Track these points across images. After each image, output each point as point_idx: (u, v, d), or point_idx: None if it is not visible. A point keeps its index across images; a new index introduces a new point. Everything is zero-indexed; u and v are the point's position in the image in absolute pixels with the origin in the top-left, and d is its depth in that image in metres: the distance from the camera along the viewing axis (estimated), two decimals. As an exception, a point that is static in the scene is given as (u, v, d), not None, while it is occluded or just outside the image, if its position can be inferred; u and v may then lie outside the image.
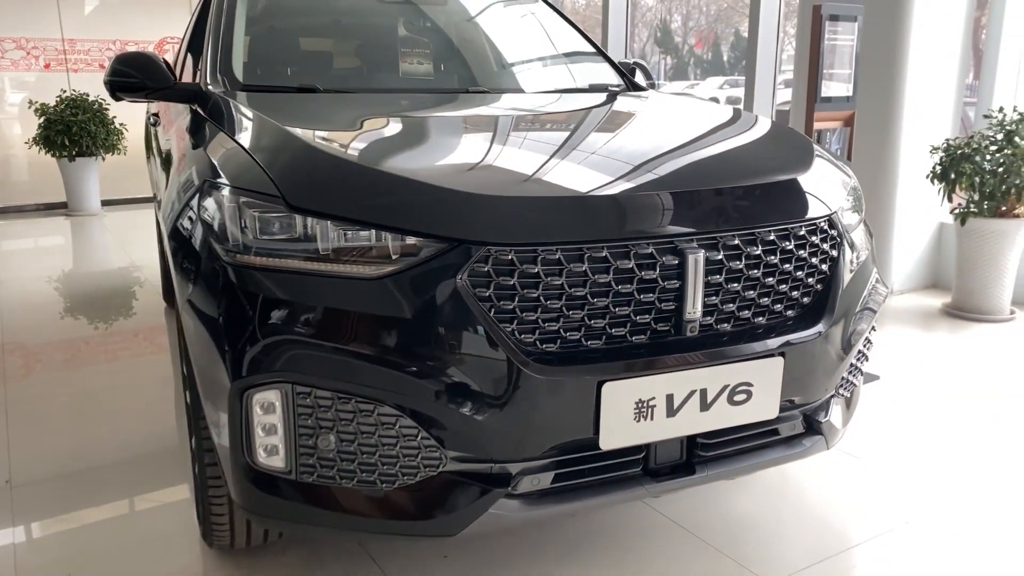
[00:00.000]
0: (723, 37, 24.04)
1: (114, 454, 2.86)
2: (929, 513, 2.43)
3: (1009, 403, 3.33)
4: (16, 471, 2.69)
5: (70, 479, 2.67)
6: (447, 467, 1.61)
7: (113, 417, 3.20)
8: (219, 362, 1.64)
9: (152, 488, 2.59)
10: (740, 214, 1.73)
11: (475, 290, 1.54)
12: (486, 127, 2.20)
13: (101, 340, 4.13)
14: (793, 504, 2.49)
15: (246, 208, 1.67)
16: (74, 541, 2.31)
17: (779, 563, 2.16)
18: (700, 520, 2.37)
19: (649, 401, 1.63)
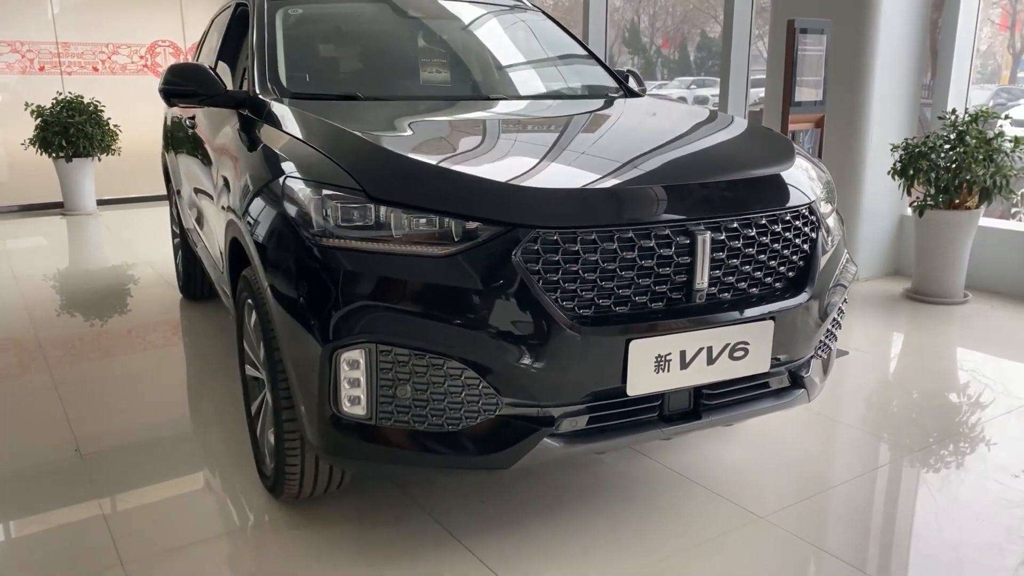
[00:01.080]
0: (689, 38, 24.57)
1: (167, 427, 3.16)
2: (895, 460, 2.83)
3: (962, 371, 3.76)
4: (82, 443, 2.98)
5: (132, 449, 2.97)
6: (502, 410, 1.96)
7: (158, 396, 3.50)
8: (311, 329, 1.97)
9: (211, 455, 2.90)
10: (738, 202, 2.10)
11: (526, 265, 1.88)
12: (520, 128, 2.54)
13: (128, 330, 4.40)
14: (776, 454, 2.87)
15: (328, 200, 2.01)
16: (151, 502, 2.62)
17: (770, 501, 2.54)
18: (697, 469, 2.74)
19: (667, 356, 1.99)
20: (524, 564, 2.21)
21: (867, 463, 2.81)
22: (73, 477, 2.73)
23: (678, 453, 2.85)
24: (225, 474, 2.74)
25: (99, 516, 2.48)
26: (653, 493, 2.59)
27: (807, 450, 2.93)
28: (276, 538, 2.36)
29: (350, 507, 2.52)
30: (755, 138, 2.54)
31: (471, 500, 2.54)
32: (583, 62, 3.58)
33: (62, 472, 2.77)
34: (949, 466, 2.79)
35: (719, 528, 2.39)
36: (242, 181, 2.53)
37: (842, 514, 2.50)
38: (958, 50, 5.18)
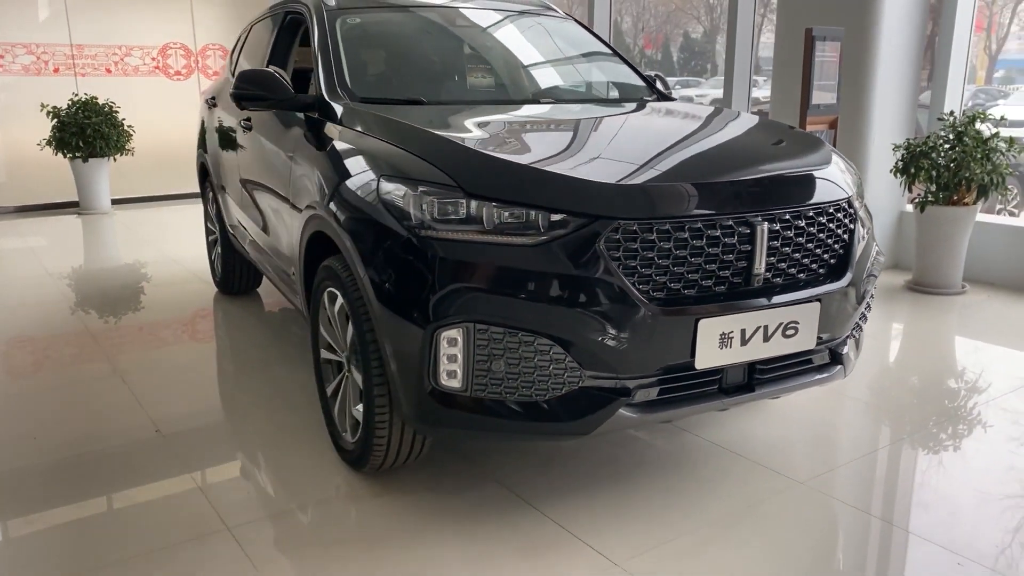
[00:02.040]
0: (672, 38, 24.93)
1: (234, 410, 3.37)
2: (912, 432, 3.10)
3: (962, 354, 4.05)
4: (159, 424, 3.19)
5: (207, 429, 3.18)
6: (584, 382, 2.19)
7: (218, 382, 3.71)
8: (412, 311, 2.20)
9: (284, 434, 3.11)
10: (790, 196, 2.36)
11: (608, 252, 2.12)
12: (583, 129, 2.78)
13: (172, 322, 4.60)
14: (804, 429, 3.14)
15: (425, 195, 2.24)
16: (239, 475, 2.83)
17: (806, 469, 2.80)
18: (736, 442, 2.99)
19: (729, 334, 2.24)
20: (595, 523, 2.45)
21: (891, 435, 3.08)
22: (160, 454, 2.94)
23: (717, 429, 3.10)
24: (301, 450, 2.96)
25: (194, 488, 2.70)
26: (701, 464, 2.84)
27: (829, 424, 3.19)
28: (363, 505, 2.58)
29: (424, 477, 2.74)
30: (795, 139, 2.80)
31: (533, 471, 2.77)
32: (616, 66, 3.82)
33: (148, 450, 2.97)
34: (962, 438, 3.07)
35: (766, 492, 2.65)
36: (322, 178, 2.75)
37: (873, 478, 2.76)
38: (954, 57, 5.49)
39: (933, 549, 2.32)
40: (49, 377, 3.76)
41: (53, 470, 2.83)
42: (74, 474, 2.80)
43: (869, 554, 2.37)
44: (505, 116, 3.01)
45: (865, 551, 2.38)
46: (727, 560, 2.28)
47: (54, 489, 2.70)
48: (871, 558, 2.35)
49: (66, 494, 2.67)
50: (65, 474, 2.80)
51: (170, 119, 9.02)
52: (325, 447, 2.94)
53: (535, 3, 4.07)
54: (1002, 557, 2.29)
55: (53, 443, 3.03)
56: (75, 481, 2.75)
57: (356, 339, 2.49)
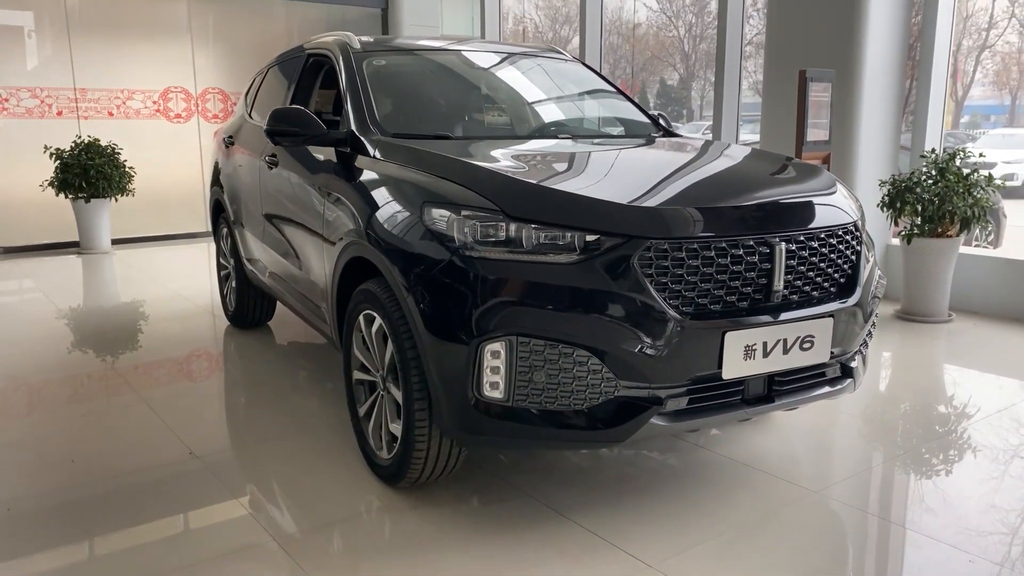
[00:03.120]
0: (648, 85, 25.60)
1: (265, 434, 3.47)
2: (916, 446, 3.27)
3: (949, 375, 4.25)
4: (194, 448, 3.29)
5: (241, 452, 3.28)
6: (619, 392, 2.35)
7: (245, 409, 3.81)
8: (457, 326, 2.35)
9: (316, 454, 3.22)
10: (805, 219, 2.56)
11: (641, 269, 2.30)
12: (608, 160, 2.98)
13: (190, 354, 4.70)
14: (810, 444, 3.30)
15: (467, 219, 2.41)
16: (280, 493, 2.94)
17: (817, 479, 2.96)
18: (749, 456, 3.14)
19: (752, 346, 2.41)
20: (625, 530, 2.58)
21: (892, 449, 3.25)
22: (197, 476, 3.04)
23: (728, 444, 3.25)
24: (333, 469, 3.07)
25: (236, 504, 2.80)
26: (717, 476, 2.98)
27: (834, 441, 3.36)
28: (402, 516, 2.70)
29: (457, 492, 2.86)
30: (803, 169, 3.01)
31: (559, 485, 2.90)
32: (623, 104, 4.05)
33: (185, 472, 3.07)
34: (964, 450, 3.24)
35: (783, 501, 2.80)
36: (358, 207, 2.91)
37: (880, 487, 2.92)
38: (932, 97, 5.80)
39: (944, 549, 2.48)
40: (78, 408, 3.84)
41: (94, 495, 2.92)
42: (118, 497, 2.89)
43: (885, 555, 2.52)
44: (530, 148, 3.20)
45: (884, 553, 2.53)
46: (756, 562, 2.42)
47: (96, 514, 2.79)
48: (887, 559, 2.50)
49: (110, 519, 2.76)
50: (110, 498, 2.89)
51: (170, 160, 9.17)
52: (355, 466, 3.05)
53: (543, 47, 4.31)
54: (1008, 553, 2.45)
55: (92, 466, 3.12)
56: (120, 504, 2.84)
57: (396, 357, 2.63)
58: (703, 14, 22.26)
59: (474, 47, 4.12)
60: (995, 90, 20.20)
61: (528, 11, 19.12)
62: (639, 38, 21.67)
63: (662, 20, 22.35)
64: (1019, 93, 21.09)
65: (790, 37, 5.81)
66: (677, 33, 23.07)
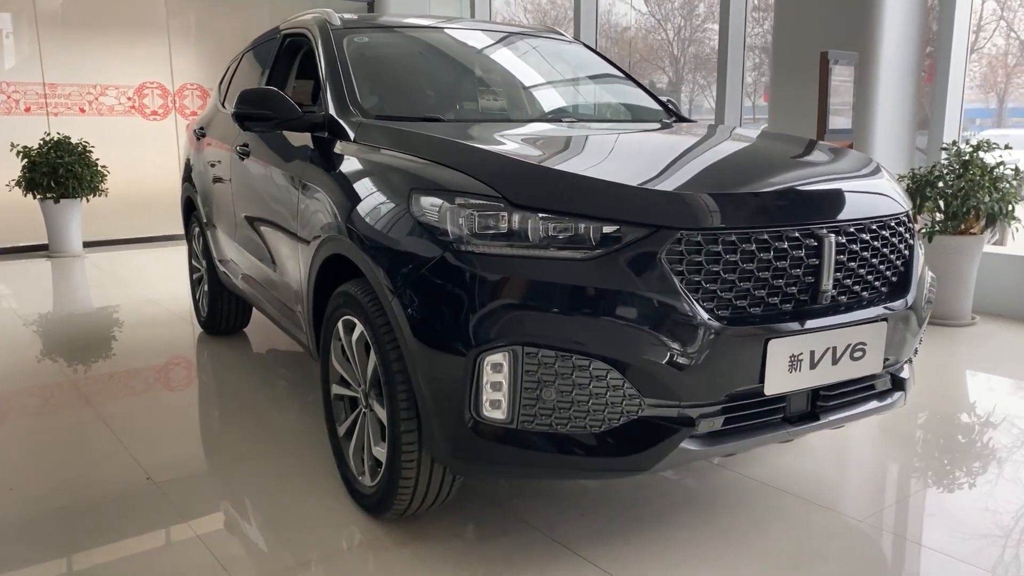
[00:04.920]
0: (641, 80, 25.40)
1: (231, 454, 3.09)
2: (959, 464, 2.92)
3: (981, 384, 3.91)
4: (151, 471, 2.90)
5: (204, 477, 2.90)
6: (644, 411, 1.99)
7: (211, 426, 3.43)
8: (451, 335, 1.98)
9: (288, 479, 2.84)
10: (854, 208, 2.20)
11: (670, 266, 1.94)
12: (625, 144, 2.61)
13: (157, 365, 4.30)
14: (840, 463, 2.95)
15: (462, 208, 2.04)
16: (244, 526, 2.56)
17: (862, 505, 2.60)
18: (780, 479, 2.78)
19: (799, 356, 2.05)
20: (644, 570, 2.21)
21: (934, 470, 2.90)
22: (153, 504, 2.65)
23: (752, 464, 2.89)
24: (309, 496, 2.69)
25: (194, 539, 2.41)
26: (745, 502, 2.62)
27: (867, 457, 3.01)
28: (387, 556, 2.32)
29: (452, 523, 2.49)
30: (845, 154, 2.65)
31: (571, 514, 2.54)
32: (631, 89, 3.69)
33: (140, 500, 2.68)
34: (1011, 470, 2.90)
35: (824, 531, 2.44)
36: (337, 198, 2.54)
37: (934, 514, 2.56)
38: (951, 86, 5.47)
39: (1021, 590, 2.13)
40: (25, 425, 3.44)
41: (32, 524, 2.53)
42: (57, 528, 2.50)
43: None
44: (534, 131, 2.83)
45: (946, 594, 2.18)
46: (802, 608, 2.06)
47: (32, 547, 2.40)
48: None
49: (46, 553, 2.37)
50: (47, 528, 2.50)
51: (146, 160, 8.75)
52: (336, 492, 2.68)
53: (542, 27, 3.95)
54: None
55: (32, 494, 2.73)
56: (59, 537, 2.45)
57: (380, 370, 2.26)
58: (692, 17, 22.02)
59: (466, 26, 3.75)
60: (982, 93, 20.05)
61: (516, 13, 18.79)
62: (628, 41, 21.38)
63: (651, 23, 22.09)
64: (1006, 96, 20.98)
65: (803, 19, 5.47)
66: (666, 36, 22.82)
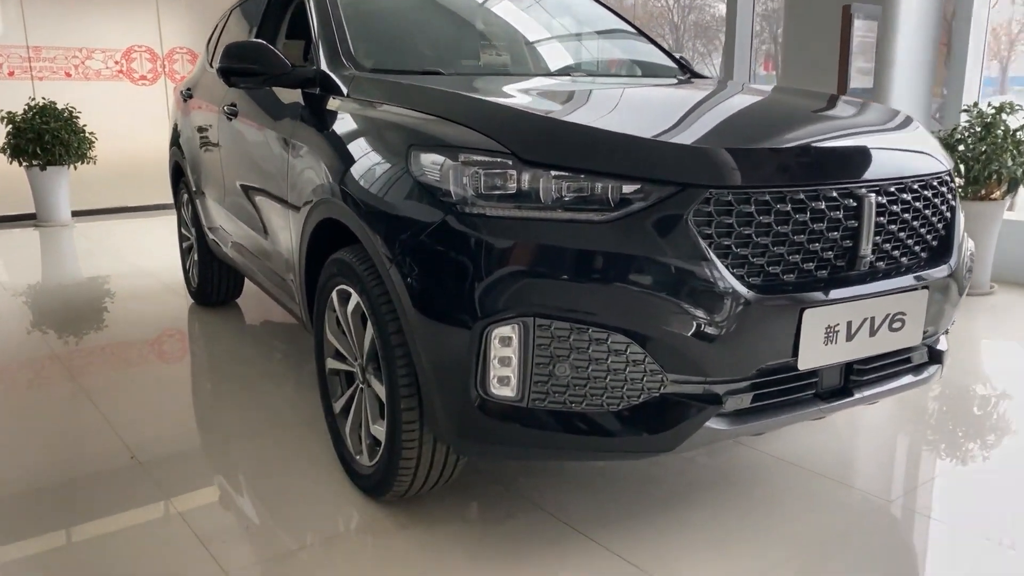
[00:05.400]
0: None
1: (220, 432, 2.93)
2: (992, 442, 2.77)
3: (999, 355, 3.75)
4: (135, 450, 2.74)
5: (191, 455, 2.73)
6: (667, 388, 1.82)
7: (198, 401, 3.26)
8: (456, 306, 1.81)
9: (280, 458, 2.68)
10: (895, 166, 2.01)
11: (698, 228, 1.75)
12: (644, 98, 2.41)
13: (145, 338, 4.13)
14: (864, 434, 2.79)
15: (466, 166, 1.85)
16: (234, 509, 2.40)
17: (889, 483, 2.45)
18: (803, 457, 2.63)
19: (835, 327, 1.88)
20: (661, 554, 2.06)
21: (961, 445, 2.75)
22: (138, 485, 2.49)
23: (774, 442, 2.73)
24: (304, 477, 2.53)
25: (182, 526, 2.26)
26: (766, 480, 2.47)
27: (888, 431, 2.85)
28: (387, 540, 2.17)
29: (456, 504, 2.34)
30: (877, 109, 2.46)
31: (576, 494, 2.38)
32: (642, 45, 3.48)
33: (123, 480, 2.52)
34: None
35: (851, 514, 2.28)
36: (330, 158, 2.36)
37: (973, 496, 2.41)
38: (972, 46, 5.25)
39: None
40: (8, 400, 3.28)
41: (9, 504, 2.37)
42: (35, 511, 2.34)
43: (993, 585, 2.01)
44: (543, 84, 2.63)
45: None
46: (836, 598, 1.91)
47: (7, 529, 2.24)
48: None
49: (21, 535, 2.21)
50: (24, 510, 2.34)
51: (135, 127, 8.51)
52: (332, 471, 2.52)
53: None
54: None
55: (11, 475, 2.57)
56: (37, 520, 2.29)
57: (378, 343, 2.09)
58: (692, -17, 21.61)
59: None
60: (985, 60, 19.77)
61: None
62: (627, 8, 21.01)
63: (651, -10, 21.69)
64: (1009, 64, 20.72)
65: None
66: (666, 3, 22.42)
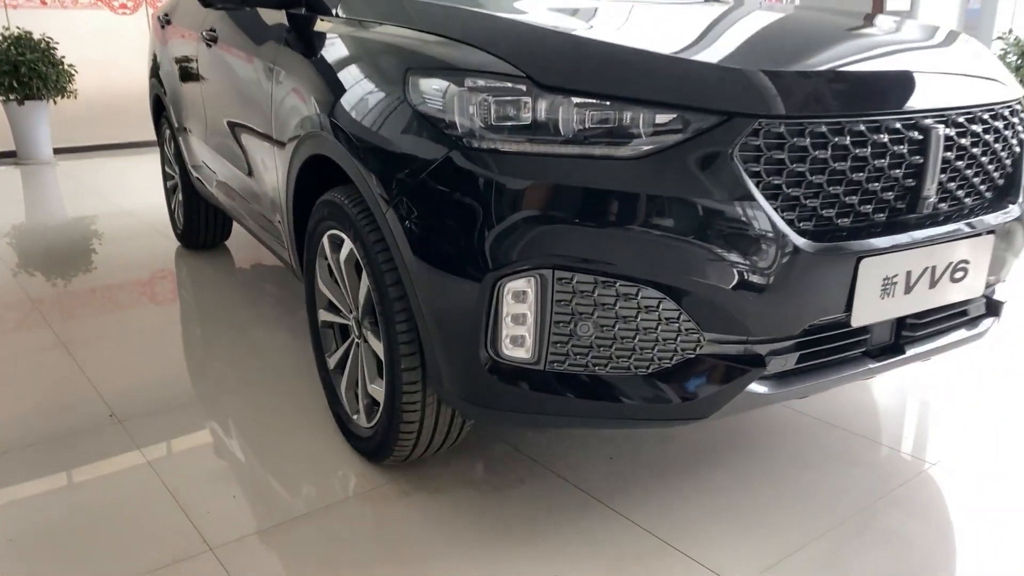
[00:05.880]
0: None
1: (204, 388, 2.73)
2: None
3: None
4: (115, 407, 2.53)
5: (174, 413, 2.53)
6: (703, 348, 1.60)
7: (182, 354, 3.06)
8: (464, 256, 1.58)
9: (269, 417, 2.48)
10: (963, 94, 1.76)
11: (745, 165, 1.51)
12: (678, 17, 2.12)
13: (128, 284, 3.90)
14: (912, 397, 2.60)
15: (475, 92, 1.59)
16: (220, 475, 2.21)
17: (927, 447, 2.26)
18: (837, 415, 2.44)
19: (893, 278, 1.66)
20: (690, 527, 1.88)
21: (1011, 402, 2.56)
22: (115, 446, 2.29)
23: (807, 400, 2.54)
24: (297, 437, 2.34)
25: (164, 493, 2.07)
26: (798, 442, 2.28)
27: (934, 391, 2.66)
28: (389, 509, 1.98)
29: (462, 468, 2.15)
30: (937, 30, 2.17)
31: (597, 456, 2.19)
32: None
33: (100, 445, 2.32)
34: None
35: (895, 477, 2.10)
36: (319, 86, 2.09)
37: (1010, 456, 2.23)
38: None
39: None
40: (-24, 350, 3.07)
41: (-24, 473, 2.18)
42: (3, 478, 2.15)
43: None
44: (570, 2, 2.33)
45: (1047, 555, 1.85)
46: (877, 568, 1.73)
47: (-24, 500, 2.06)
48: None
49: (-8, 507, 2.02)
50: (-8, 478, 2.15)
51: (117, 59, 8.10)
52: (328, 431, 2.33)
53: None
54: None
55: (-23, 436, 2.37)
56: (4, 488, 2.10)
57: (375, 296, 1.86)
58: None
59: None
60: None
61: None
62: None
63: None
64: None
65: None
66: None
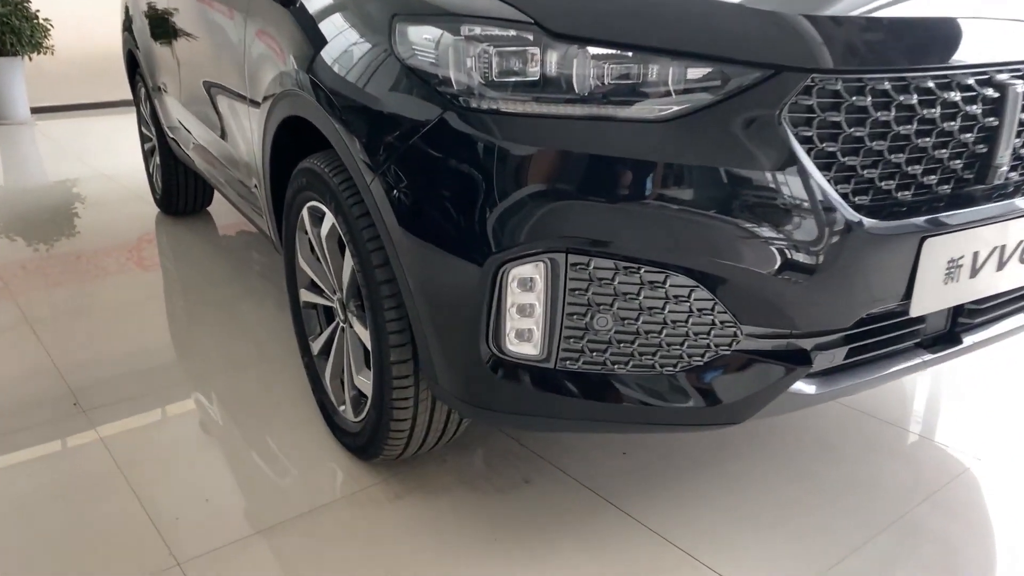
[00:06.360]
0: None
1: (179, 373, 2.51)
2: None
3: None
4: (79, 395, 2.32)
5: (150, 399, 2.32)
6: (740, 343, 1.38)
7: (157, 334, 2.83)
8: (461, 236, 1.35)
9: (250, 408, 2.27)
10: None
11: (795, 129, 1.27)
12: None
13: (102, 254, 3.66)
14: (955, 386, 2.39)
15: (474, 41, 1.35)
16: (192, 480, 2.00)
17: (978, 441, 2.06)
18: (872, 406, 2.23)
19: (959, 260, 1.43)
20: (712, 536, 1.68)
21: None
22: (78, 446, 2.08)
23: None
24: (280, 434, 2.12)
25: (130, 497, 1.86)
26: (832, 434, 2.08)
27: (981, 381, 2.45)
28: (379, 512, 1.78)
29: (458, 468, 1.95)
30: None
31: (608, 454, 1.99)
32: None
33: (61, 431, 2.11)
34: None
35: (938, 473, 1.90)
36: (296, 38, 1.84)
37: (1071, 451, 2.03)
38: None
39: None
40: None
41: (-79, 473, 1.97)
42: (-49, 479, 1.94)
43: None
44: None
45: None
46: None
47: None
48: None
49: (-65, 514, 1.81)
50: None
51: (96, 15, 7.73)
52: (314, 421, 2.12)
53: None
54: None
55: (-74, 429, 2.16)
56: (-49, 491, 1.89)
57: (360, 277, 1.64)
58: None
59: None
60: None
61: None
62: None
63: None
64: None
65: None
66: None
